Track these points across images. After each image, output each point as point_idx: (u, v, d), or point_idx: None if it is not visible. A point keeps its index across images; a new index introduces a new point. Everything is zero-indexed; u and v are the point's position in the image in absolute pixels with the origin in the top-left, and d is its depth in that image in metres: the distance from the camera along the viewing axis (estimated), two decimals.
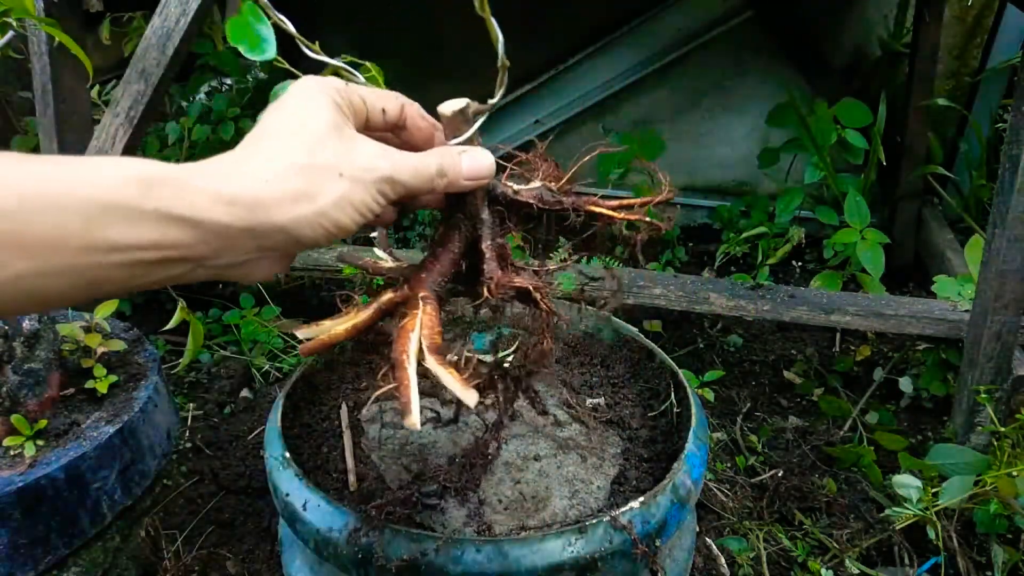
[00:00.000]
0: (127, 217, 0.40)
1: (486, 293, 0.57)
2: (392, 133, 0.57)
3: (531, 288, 0.58)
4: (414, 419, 0.49)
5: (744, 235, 1.94)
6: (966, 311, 1.33)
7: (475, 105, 0.56)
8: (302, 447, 0.87)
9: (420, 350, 0.53)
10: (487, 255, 0.59)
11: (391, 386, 0.51)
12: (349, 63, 0.66)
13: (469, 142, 0.57)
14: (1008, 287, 1.17)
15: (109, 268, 0.40)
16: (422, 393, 0.98)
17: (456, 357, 0.58)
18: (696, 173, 2.28)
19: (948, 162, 2.00)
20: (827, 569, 1.08)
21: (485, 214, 0.60)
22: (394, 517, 0.70)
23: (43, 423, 0.90)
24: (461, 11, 0.61)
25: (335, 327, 0.57)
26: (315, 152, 0.47)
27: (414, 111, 0.57)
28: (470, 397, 0.51)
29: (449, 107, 0.55)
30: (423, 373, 0.52)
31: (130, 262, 0.41)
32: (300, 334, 0.57)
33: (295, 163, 0.46)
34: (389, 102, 0.55)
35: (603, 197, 0.65)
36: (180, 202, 0.41)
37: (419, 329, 0.54)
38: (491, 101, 0.56)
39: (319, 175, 0.46)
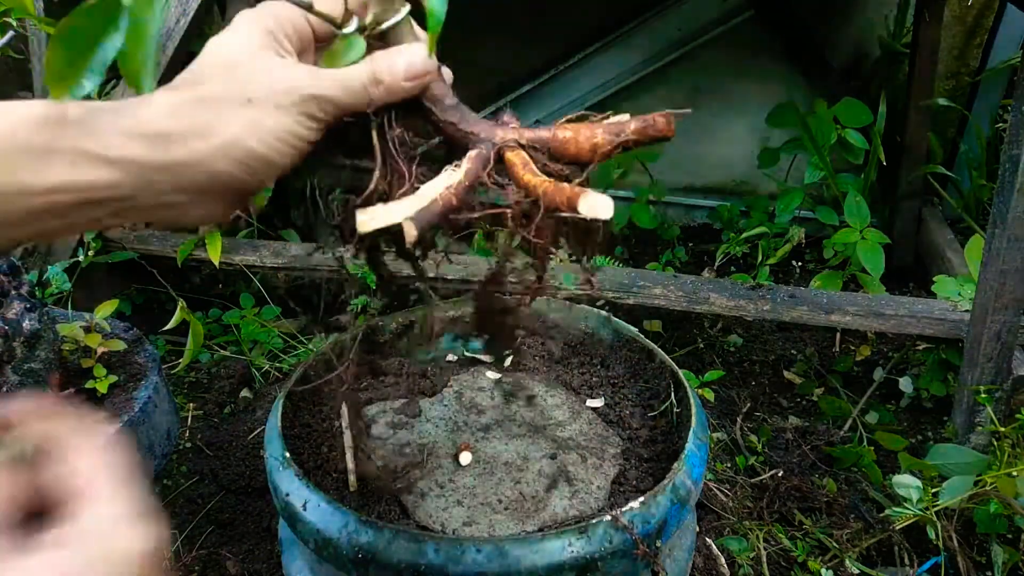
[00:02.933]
0: (37, 158, 0.39)
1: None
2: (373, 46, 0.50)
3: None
4: (602, 200, 0.43)
5: (744, 235, 1.94)
6: (966, 311, 1.33)
7: None
8: (302, 447, 0.87)
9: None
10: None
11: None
12: None
13: (403, 31, 0.49)
14: (1008, 287, 1.17)
15: (24, 212, 0.40)
16: (421, 392, 0.98)
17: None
18: (696, 173, 2.28)
19: (948, 162, 2.00)
20: (827, 569, 1.08)
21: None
22: None
23: None
24: (472, 15, 0.60)
25: (428, 193, 0.47)
26: (223, 81, 0.44)
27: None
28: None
29: None
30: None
31: (46, 205, 0.40)
32: (365, 218, 0.46)
33: (198, 95, 0.43)
34: (338, 8, 0.49)
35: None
36: (90, 139, 0.40)
37: (523, 160, 0.49)
38: None
39: (222, 104, 0.43)
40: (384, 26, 0.48)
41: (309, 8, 0.45)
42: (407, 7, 0.49)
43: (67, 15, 0.38)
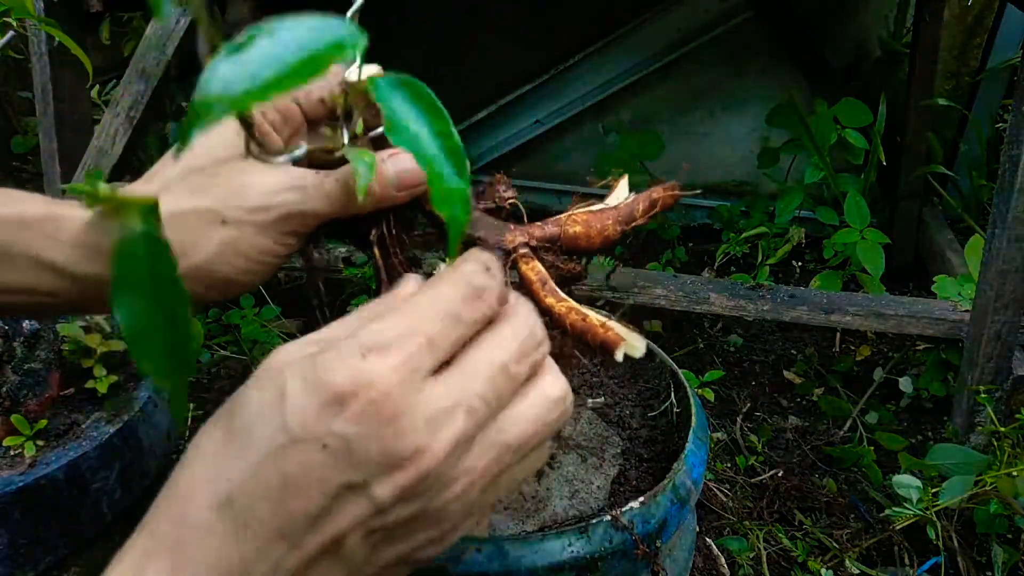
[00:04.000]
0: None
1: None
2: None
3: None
4: (637, 342, 0.41)
5: (744, 235, 1.94)
6: (966, 311, 1.33)
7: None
8: None
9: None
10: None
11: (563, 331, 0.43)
12: None
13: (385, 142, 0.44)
14: (1008, 287, 1.17)
15: None
16: None
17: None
18: (696, 173, 2.28)
19: (948, 162, 2.00)
20: (827, 569, 1.08)
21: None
22: None
23: (43, 423, 0.90)
24: (471, 15, 0.59)
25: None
26: (196, 193, 0.40)
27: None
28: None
29: (357, 74, 0.41)
30: None
31: (3, 303, 0.39)
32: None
33: (168, 209, 0.38)
34: (326, 87, 0.45)
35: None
36: (53, 248, 0.38)
37: (540, 277, 0.46)
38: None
39: (193, 223, 0.39)
40: (377, 132, 0.44)
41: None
42: None
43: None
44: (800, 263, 1.94)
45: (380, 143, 0.44)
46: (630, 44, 2.12)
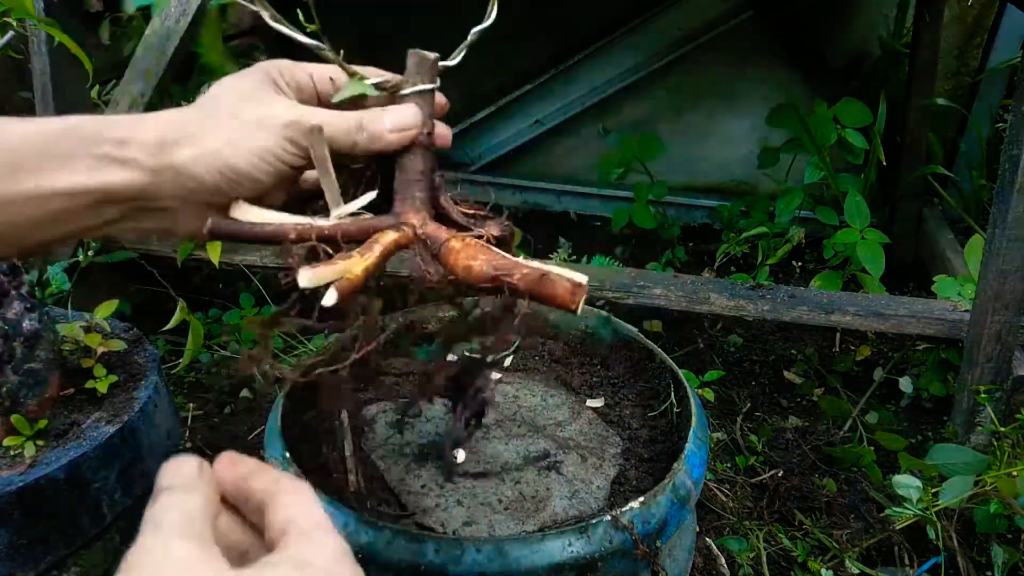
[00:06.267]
0: (59, 164, 0.44)
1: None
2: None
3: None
4: (579, 276, 0.47)
5: (744, 235, 1.94)
6: (966, 311, 1.33)
7: (437, 62, 0.54)
8: (302, 447, 0.87)
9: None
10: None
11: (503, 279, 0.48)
12: None
13: (424, 100, 0.54)
14: (1008, 287, 1.17)
15: (46, 214, 0.44)
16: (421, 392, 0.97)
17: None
18: (696, 173, 2.28)
19: (948, 162, 2.00)
20: (827, 569, 1.08)
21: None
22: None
23: (43, 423, 0.90)
24: (472, 15, 0.60)
25: (351, 268, 0.49)
26: (220, 101, 0.49)
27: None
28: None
29: (419, 53, 0.54)
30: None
31: (66, 207, 0.45)
32: (305, 277, 0.48)
33: (194, 109, 0.49)
34: (337, 72, 0.54)
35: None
36: (106, 145, 0.45)
37: (470, 246, 0.51)
38: (450, 62, 0.56)
39: (211, 117, 0.48)
40: (405, 91, 0.52)
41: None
42: (436, 83, 0.53)
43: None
44: (800, 263, 1.95)
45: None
46: (630, 44, 2.13)
